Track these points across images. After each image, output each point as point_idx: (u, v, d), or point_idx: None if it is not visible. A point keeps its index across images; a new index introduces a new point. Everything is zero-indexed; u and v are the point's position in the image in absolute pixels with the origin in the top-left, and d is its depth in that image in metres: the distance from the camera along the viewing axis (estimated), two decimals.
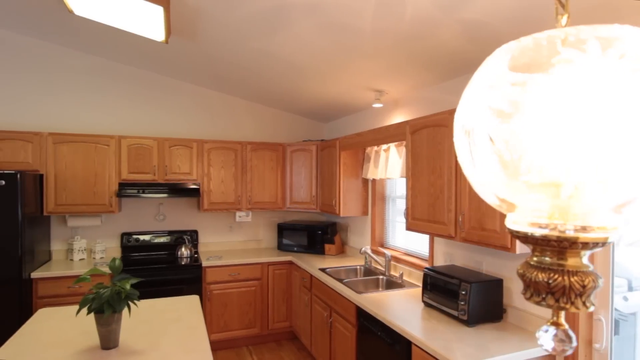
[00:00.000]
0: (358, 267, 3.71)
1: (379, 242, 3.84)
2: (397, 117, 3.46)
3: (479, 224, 2.07)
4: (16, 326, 3.13)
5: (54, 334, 2.04)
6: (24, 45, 3.78)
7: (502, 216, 1.93)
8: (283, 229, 4.45)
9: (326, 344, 3.24)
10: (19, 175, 3.13)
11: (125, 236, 4.07)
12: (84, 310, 2.32)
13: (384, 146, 3.41)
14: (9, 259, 3.11)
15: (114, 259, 1.94)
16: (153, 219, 4.25)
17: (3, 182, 3.09)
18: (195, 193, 4.00)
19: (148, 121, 4.21)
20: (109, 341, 1.86)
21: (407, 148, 2.71)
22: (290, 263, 4.15)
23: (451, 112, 2.29)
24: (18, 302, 3.15)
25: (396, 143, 3.23)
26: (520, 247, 1.89)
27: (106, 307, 1.77)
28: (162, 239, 4.18)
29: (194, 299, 2.66)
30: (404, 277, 3.27)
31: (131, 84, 4.14)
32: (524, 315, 2.18)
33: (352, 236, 4.31)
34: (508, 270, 2.30)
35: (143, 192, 3.81)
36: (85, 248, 3.87)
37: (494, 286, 2.22)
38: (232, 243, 4.55)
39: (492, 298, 2.21)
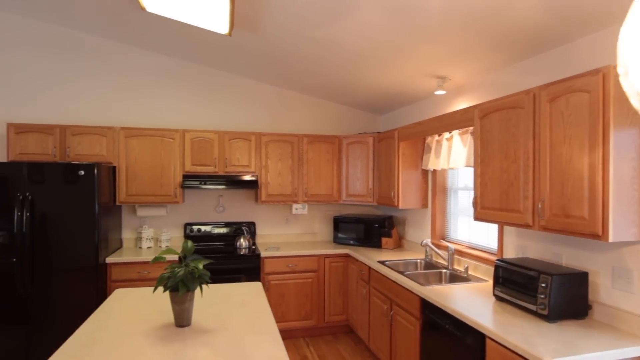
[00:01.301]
0: (418, 260, 3.59)
1: (440, 235, 3.69)
2: (460, 105, 3.31)
3: (563, 210, 1.90)
4: (94, 306, 3.35)
5: (130, 312, 2.15)
6: (99, 46, 4.04)
7: (592, 201, 1.77)
8: (339, 222, 4.42)
9: (386, 338, 3.16)
10: (96, 167, 3.35)
11: (188, 226, 4.24)
12: (159, 290, 2.42)
13: (447, 135, 3.27)
14: (87, 244, 3.34)
15: (186, 241, 2.00)
16: (213, 211, 4.39)
17: (82, 172, 3.32)
18: (254, 185, 4.08)
19: (210, 115, 4.36)
20: (182, 319, 1.92)
21: (475, 134, 2.57)
22: (347, 256, 4.11)
23: (528, 92, 2.13)
24: (95, 284, 3.37)
25: (460, 131, 3.08)
26: (615, 234, 1.71)
27: (181, 285, 1.83)
28: (221, 230, 4.31)
29: (257, 285, 2.70)
30: (469, 271, 3.11)
31: (194, 80, 4.30)
32: (613, 312, 1.98)
33: (410, 230, 4.19)
34: (594, 262, 2.10)
35: (205, 184, 3.94)
36: (152, 237, 4.07)
37: (578, 279, 2.04)
38: (288, 235, 4.59)
39: (575, 292, 2.03)
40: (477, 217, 2.54)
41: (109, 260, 3.55)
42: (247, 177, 4.12)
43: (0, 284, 3.18)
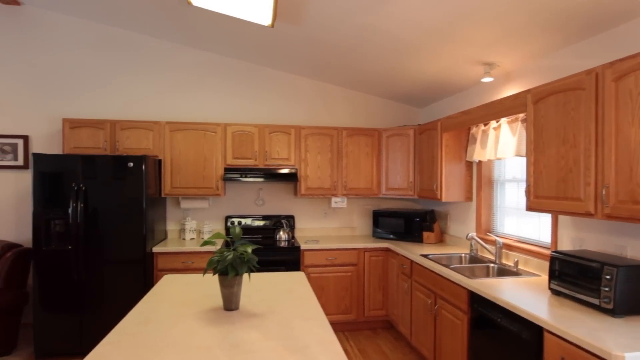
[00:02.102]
0: (463, 254, 3.48)
1: (486, 229, 3.56)
2: (507, 93, 3.17)
3: (631, 196, 1.77)
4: (141, 294, 3.47)
5: (179, 296, 2.20)
6: (147, 44, 4.19)
7: None
8: (378, 216, 4.36)
9: (429, 333, 3.08)
10: (144, 159, 3.47)
11: (229, 219, 4.31)
12: (206, 276, 2.46)
13: (494, 124, 3.14)
14: (136, 234, 3.46)
15: (234, 227, 2.02)
16: (253, 204, 4.44)
17: (131, 164, 3.44)
18: (293, 178, 4.09)
19: (250, 109, 4.42)
20: (230, 302, 1.94)
21: (527, 120, 2.45)
22: (387, 250, 4.05)
23: (589, 72, 2.00)
24: (142, 273, 3.49)
25: (509, 119, 2.95)
26: None
27: (230, 269, 1.85)
28: (261, 223, 4.35)
29: (301, 274, 2.70)
30: (519, 266, 2.97)
31: (236, 75, 4.38)
32: None
33: (452, 224, 4.06)
34: None
35: (245, 176, 4.00)
36: (195, 229, 4.17)
37: None
38: (326, 229, 4.58)
39: None
40: (530, 207, 2.41)
41: (155, 250, 3.66)
42: (287, 170, 4.14)
43: (57, 270, 3.36)
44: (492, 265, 3.07)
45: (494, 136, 3.16)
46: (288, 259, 3.86)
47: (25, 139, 4.01)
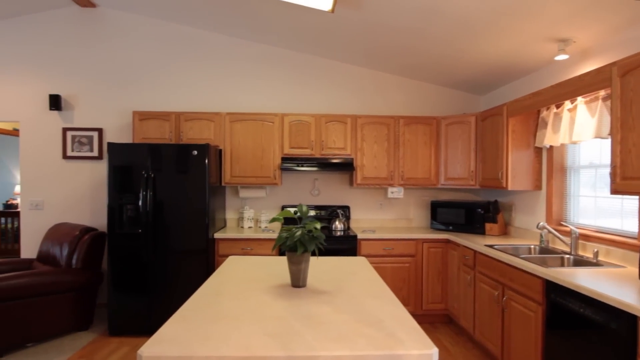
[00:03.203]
0: (532, 246, 3.27)
1: (557, 220, 3.32)
2: (584, 71, 2.93)
3: None
4: (204, 277, 3.60)
5: (246, 273, 2.24)
6: (208, 39, 4.36)
7: None
8: (437, 207, 4.23)
9: (496, 326, 2.92)
10: (207, 147, 3.59)
11: (286, 208, 4.37)
12: (268, 257, 2.50)
13: (568, 105, 2.92)
14: (199, 220, 3.60)
15: (301, 205, 2.03)
16: (309, 194, 4.47)
17: (195, 152, 3.58)
18: (349, 167, 4.07)
19: (306, 99, 4.45)
20: (298, 279, 1.95)
21: (613, 95, 2.25)
22: (447, 241, 3.91)
23: None
24: (205, 258, 3.62)
25: (586, 99, 2.73)
26: None
27: (299, 245, 1.86)
28: (316, 213, 4.37)
29: (362, 259, 2.67)
30: (599, 257, 2.75)
31: (293, 66, 4.43)
32: None
33: (518, 215, 3.85)
34: None
35: (302, 166, 4.03)
36: (252, 217, 4.27)
37: None
38: (382, 220, 4.51)
39: None
40: (616, 190, 2.22)
41: (217, 236, 3.79)
42: (343, 160, 4.12)
43: (128, 252, 3.57)
44: (567, 256, 2.86)
45: (568, 118, 2.94)
46: (345, 248, 3.84)
47: (100, 131, 4.31)
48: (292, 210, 4.35)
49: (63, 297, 3.52)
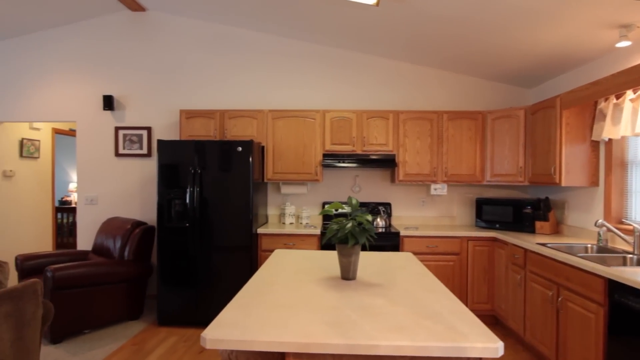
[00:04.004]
0: (588, 245, 3.10)
1: (616, 218, 3.13)
2: None
3: None
4: (248, 271, 3.66)
5: (294, 266, 2.26)
6: (249, 39, 4.44)
7: None
8: (482, 204, 4.10)
9: (550, 328, 2.79)
10: (251, 144, 3.66)
11: (326, 205, 4.37)
12: (314, 251, 2.50)
13: (630, 95, 2.75)
14: (244, 215, 3.67)
15: (350, 198, 2.03)
16: (350, 190, 4.46)
17: (240, 149, 3.66)
18: (391, 164, 4.02)
19: (347, 96, 4.44)
20: (348, 272, 1.94)
21: None
22: (494, 240, 3.78)
23: None
24: (249, 252, 3.69)
25: None
26: None
27: (350, 237, 1.85)
28: None
29: (409, 254, 2.63)
30: None
31: (333, 63, 4.44)
32: None
33: (571, 213, 3.66)
34: None
35: (343, 162, 4.02)
36: (294, 214, 4.31)
37: None
38: (424, 218, 4.42)
39: None
40: None
41: (260, 231, 3.85)
42: (385, 156, 4.07)
43: (176, 245, 3.70)
44: (630, 255, 2.69)
45: (630, 109, 2.76)
46: (387, 244, 3.80)
47: (149, 130, 4.50)
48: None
49: (117, 287, 3.70)
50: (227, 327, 1.31)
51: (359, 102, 4.45)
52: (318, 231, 3.82)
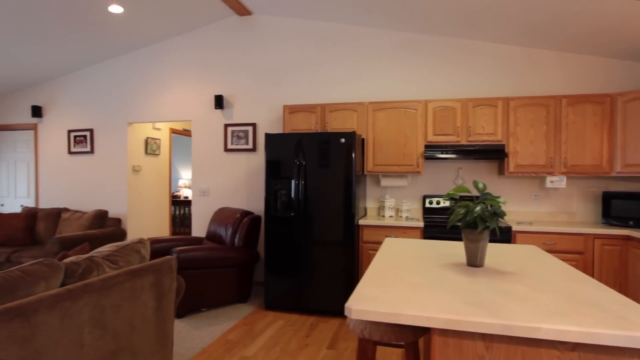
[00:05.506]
0: None
1: None
2: None
3: None
4: (351, 262, 3.70)
5: (410, 253, 2.22)
6: (347, 33, 4.49)
7: None
8: (611, 198, 3.64)
9: None
10: (354, 135, 3.70)
11: (427, 198, 4.25)
12: (426, 240, 2.43)
13: None
14: (346, 206, 3.72)
15: (476, 182, 1.93)
16: (452, 183, 4.27)
17: (343, 140, 3.71)
18: (500, 154, 3.76)
19: (449, 84, 4.27)
20: (475, 258, 1.85)
21: None
22: (627, 238, 3.33)
23: None
24: (351, 243, 3.72)
25: None
26: None
27: (479, 221, 1.76)
28: None
29: (533, 247, 2.43)
30: None
31: (433, 51, 4.29)
32: None
33: None
34: None
35: (446, 153, 3.86)
36: (393, 207, 4.25)
37: None
38: (537, 214, 4.06)
39: None
40: None
41: (361, 222, 3.87)
42: (493, 146, 3.83)
43: (281, 234, 3.87)
44: None
45: None
46: (496, 239, 3.56)
47: (254, 126, 4.79)
48: (434, 200, 4.21)
49: (228, 271, 3.99)
50: (369, 301, 1.33)
51: (462, 91, 4.24)
52: (421, 224, 3.72)
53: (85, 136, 5.50)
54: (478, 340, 1.20)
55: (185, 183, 9.47)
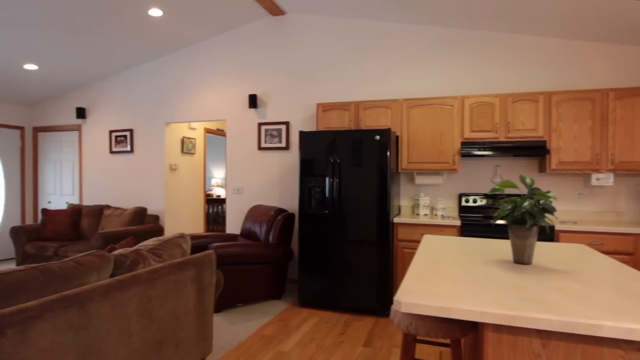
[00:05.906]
0: None
1: None
2: None
3: None
4: (385, 260, 3.66)
5: (453, 249, 2.17)
6: (379, 30, 4.46)
7: None
8: None
9: None
10: (389, 132, 3.66)
11: (463, 196, 4.15)
12: (465, 238, 2.37)
13: None
14: (380, 203, 3.69)
15: (523, 177, 1.87)
16: (489, 181, 4.16)
17: (378, 137, 3.69)
18: (541, 151, 3.63)
19: (486, 79, 4.16)
20: (523, 255, 1.79)
21: None
22: None
23: None
24: (385, 241, 3.69)
25: None
26: None
27: (528, 217, 1.70)
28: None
29: (582, 245, 2.33)
30: None
31: (468, 46, 4.20)
32: None
33: None
34: None
35: (484, 150, 3.76)
36: (428, 205, 4.18)
37: None
38: (581, 213, 3.89)
39: None
40: None
41: (396, 220, 3.83)
42: (533, 143, 3.70)
43: (316, 231, 3.89)
44: None
45: None
46: (539, 239, 3.43)
47: (287, 124, 4.83)
48: (470, 199, 4.11)
49: (264, 268, 4.04)
50: (418, 295, 1.31)
51: (500, 86, 4.12)
52: (458, 222, 3.64)
53: (125, 136, 5.72)
54: (534, 337, 1.16)
55: (217, 182, 9.67)
